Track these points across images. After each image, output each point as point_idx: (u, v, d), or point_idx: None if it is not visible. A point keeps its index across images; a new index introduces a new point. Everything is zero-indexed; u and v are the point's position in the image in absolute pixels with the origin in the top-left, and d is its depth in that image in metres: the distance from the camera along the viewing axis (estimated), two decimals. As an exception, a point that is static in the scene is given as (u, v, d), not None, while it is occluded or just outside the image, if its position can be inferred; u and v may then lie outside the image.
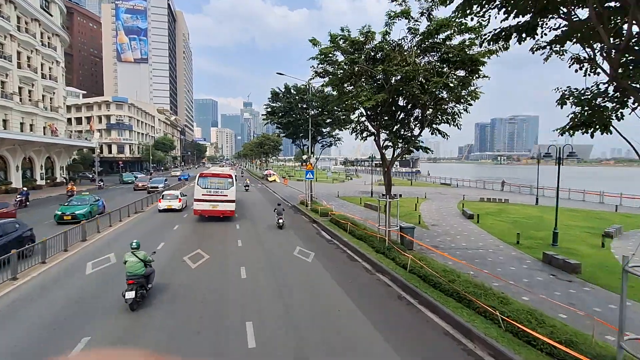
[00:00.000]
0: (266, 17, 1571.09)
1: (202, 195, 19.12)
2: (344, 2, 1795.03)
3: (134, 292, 7.89)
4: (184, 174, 58.46)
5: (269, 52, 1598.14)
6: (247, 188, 38.57)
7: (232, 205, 19.64)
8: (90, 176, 53.82)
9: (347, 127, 21.98)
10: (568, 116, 6.83)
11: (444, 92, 12.50)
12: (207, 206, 19.14)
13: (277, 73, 23.08)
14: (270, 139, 65.52)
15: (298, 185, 46.09)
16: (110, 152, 72.71)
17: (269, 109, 30.68)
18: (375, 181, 39.26)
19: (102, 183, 41.56)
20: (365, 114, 14.95)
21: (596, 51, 6.41)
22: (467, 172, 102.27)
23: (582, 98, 6.58)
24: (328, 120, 26.26)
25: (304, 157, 26.91)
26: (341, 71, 14.26)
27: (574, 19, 6.30)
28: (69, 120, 75.57)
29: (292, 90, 27.93)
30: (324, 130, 27.53)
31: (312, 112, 26.03)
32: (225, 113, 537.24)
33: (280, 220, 18.19)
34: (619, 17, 6.09)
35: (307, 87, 25.41)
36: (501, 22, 6.65)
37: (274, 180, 54.57)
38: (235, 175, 23.47)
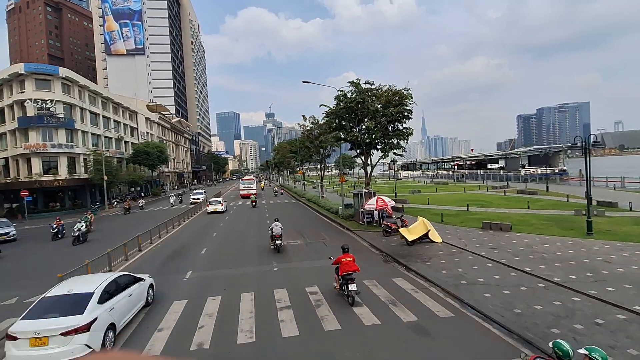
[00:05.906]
0: (281, 31, 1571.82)
1: (243, 188, 47.77)
2: (357, 8, 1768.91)
3: (253, 204, 36.13)
4: None
5: (286, 64, 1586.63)
6: (276, 193, 51.36)
7: (255, 191, 45.17)
8: None
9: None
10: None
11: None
12: (245, 192, 46.04)
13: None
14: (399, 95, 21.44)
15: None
16: (29, 171, 38.03)
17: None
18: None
19: None
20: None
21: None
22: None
23: None
24: None
25: None
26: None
27: None
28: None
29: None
30: None
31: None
32: (248, 125, 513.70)
33: None
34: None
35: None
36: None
37: (427, 238, 14.93)
38: (256, 179, 56.46)
